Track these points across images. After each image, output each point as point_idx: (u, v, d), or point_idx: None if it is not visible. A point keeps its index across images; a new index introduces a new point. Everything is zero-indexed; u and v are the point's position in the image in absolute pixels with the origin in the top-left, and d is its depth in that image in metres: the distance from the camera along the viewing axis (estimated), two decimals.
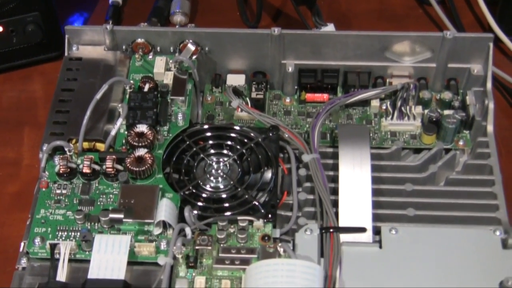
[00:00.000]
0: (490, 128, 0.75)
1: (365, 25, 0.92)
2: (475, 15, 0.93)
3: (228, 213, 0.68)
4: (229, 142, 0.73)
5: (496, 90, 0.87)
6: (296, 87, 0.80)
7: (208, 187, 0.71)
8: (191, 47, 0.78)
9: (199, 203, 0.69)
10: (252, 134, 0.73)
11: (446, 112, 0.77)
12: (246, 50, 0.78)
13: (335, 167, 0.72)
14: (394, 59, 0.78)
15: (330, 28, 0.86)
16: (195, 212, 0.68)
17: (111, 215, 0.66)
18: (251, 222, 0.67)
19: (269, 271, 0.62)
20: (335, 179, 0.71)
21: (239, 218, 0.67)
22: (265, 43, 0.77)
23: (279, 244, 0.65)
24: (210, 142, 0.73)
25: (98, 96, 0.72)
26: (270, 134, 0.73)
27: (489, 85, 0.76)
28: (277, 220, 0.70)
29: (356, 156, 0.71)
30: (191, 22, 0.91)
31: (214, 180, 0.71)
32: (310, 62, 0.79)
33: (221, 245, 0.66)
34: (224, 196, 0.70)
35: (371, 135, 0.76)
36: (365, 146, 0.72)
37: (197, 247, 0.65)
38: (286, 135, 0.74)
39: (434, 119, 0.76)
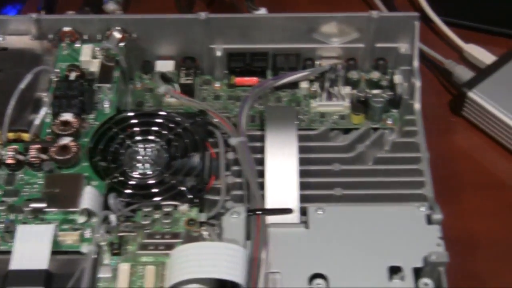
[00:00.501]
0: (417, 106, 0.75)
1: (299, 8, 0.92)
2: None
3: (156, 199, 0.68)
4: (156, 128, 0.73)
5: (428, 70, 0.87)
6: (226, 71, 0.80)
7: (135, 174, 0.71)
8: (117, 35, 0.77)
9: (127, 191, 0.69)
10: (179, 119, 0.73)
11: (375, 91, 0.77)
12: (174, 35, 0.78)
13: (264, 150, 0.72)
14: (322, 41, 0.78)
15: (262, 12, 0.86)
16: (123, 199, 0.68)
17: (33, 205, 0.65)
18: (176, 207, 0.67)
19: (192, 254, 0.62)
20: (263, 162, 0.71)
21: (163, 203, 0.67)
22: (192, 28, 0.77)
23: (203, 228, 0.65)
24: (137, 128, 0.73)
25: (22, 85, 0.71)
26: (198, 119, 0.73)
27: (415, 63, 0.76)
28: (206, 204, 0.70)
29: (283, 137, 0.72)
30: (125, 11, 0.91)
31: (141, 167, 0.71)
32: (238, 46, 0.78)
33: (146, 231, 0.66)
34: (151, 182, 0.70)
35: (300, 117, 0.76)
36: (292, 127, 0.72)
37: (121, 234, 0.65)
38: (215, 120, 0.74)
39: (362, 99, 0.76)
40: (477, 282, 0.72)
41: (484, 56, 0.85)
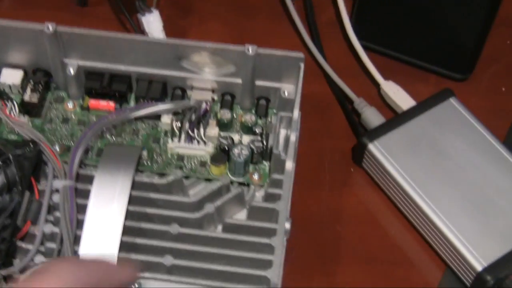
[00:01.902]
0: (289, 165, 0.62)
1: (210, 12, 0.80)
2: (337, 11, 0.80)
3: None
4: None
5: (340, 106, 0.74)
6: (84, 90, 0.69)
7: None
8: None
9: None
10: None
11: (246, 138, 0.65)
12: (21, 45, 0.66)
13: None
14: (193, 70, 0.66)
15: (154, 15, 0.74)
16: None
17: None
18: None
19: None
20: None
21: None
22: (40, 40, 0.65)
23: None
24: None
25: None
26: (27, 149, 0.62)
27: (295, 113, 0.63)
28: (18, 254, 0.60)
29: (114, 184, 0.60)
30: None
31: None
32: (96, 65, 0.67)
33: None
34: None
35: (155, 157, 0.65)
36: (128, 173, 0.61)
37: None
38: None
39: (225, 148, 0.64)
40: None
41: (401, 99, 0.72)
